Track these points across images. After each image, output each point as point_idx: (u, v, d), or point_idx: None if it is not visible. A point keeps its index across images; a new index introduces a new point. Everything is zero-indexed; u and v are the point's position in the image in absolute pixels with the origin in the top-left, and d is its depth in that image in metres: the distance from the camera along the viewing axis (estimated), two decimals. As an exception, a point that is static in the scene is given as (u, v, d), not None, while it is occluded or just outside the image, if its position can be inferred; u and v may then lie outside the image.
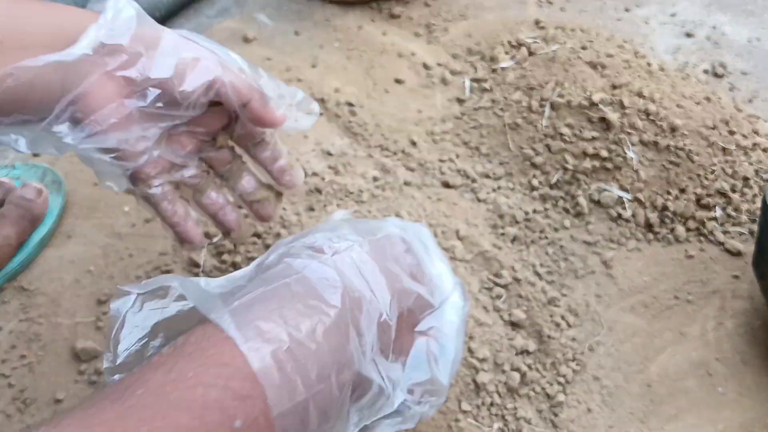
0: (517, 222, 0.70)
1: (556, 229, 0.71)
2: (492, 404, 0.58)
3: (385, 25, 0.92)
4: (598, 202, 0.72)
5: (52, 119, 0.43)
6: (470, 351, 0.60)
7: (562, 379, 0.60)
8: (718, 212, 0.70)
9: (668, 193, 0.71)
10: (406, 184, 0.73)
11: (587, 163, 0.72)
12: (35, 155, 0.77)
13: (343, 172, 0.74)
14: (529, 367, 0.60)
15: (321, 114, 0.82)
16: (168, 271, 0.67)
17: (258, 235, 0.68)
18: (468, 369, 0.59)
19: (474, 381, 0.59)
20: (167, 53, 0.45)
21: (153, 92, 0.45)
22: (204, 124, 0.51)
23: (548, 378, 0.60)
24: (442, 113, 0.82)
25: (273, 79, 0.53)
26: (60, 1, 0.49)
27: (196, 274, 0.66)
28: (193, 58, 0.46)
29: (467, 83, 0.84)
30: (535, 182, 0.73)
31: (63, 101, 0.43)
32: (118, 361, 0.38)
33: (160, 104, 0.46)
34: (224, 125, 0.52)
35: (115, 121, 0.44)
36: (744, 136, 0.74)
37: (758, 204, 0.70)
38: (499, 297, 0.64)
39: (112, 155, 0.45)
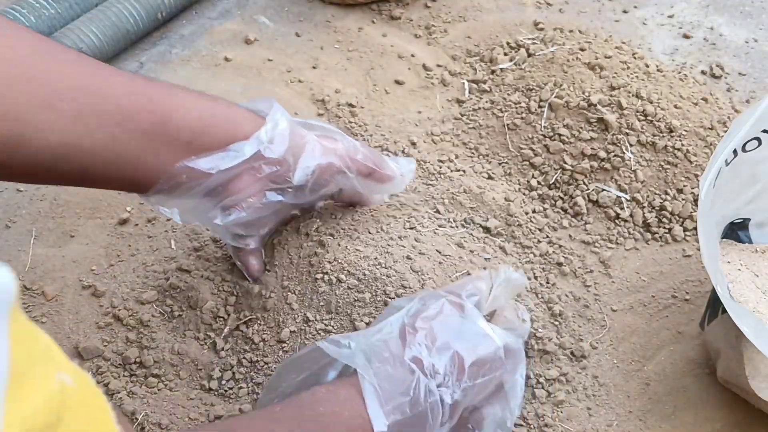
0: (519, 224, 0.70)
1: (554, 229, 0.71)
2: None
3: (385, 27, 0.93)
4: (596, 202, 0.72)
5: (207, 206, 0.56)
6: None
7: (562, 378, 0.61)
8: (716, 212, 0.70)
9: (666, 193, 0.72)
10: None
11: (585, 164, 0.72)
12: None
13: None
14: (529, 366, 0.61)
15: (322, 114, 0.82)
16: (168, 272, 0.67)
17: None
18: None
19: None
20: (308, 160, 0.56)
21: (290, 192, 0.57)
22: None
23: (548, 377, 0.60)
24: (442, 114, 0.82)
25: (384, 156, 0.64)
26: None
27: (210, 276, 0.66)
28: (324, 166, 0.57)
29: (466, 84, 0.84)
30: (533, 182, 0.74)
31: (219, 197, 0.55)
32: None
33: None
34: None
35: (257, 207, 0.56)
36: (741, 136, 0.74)
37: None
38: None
39: (243, 232, 0.58)
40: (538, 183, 0.74)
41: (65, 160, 0.48)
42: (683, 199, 0.71)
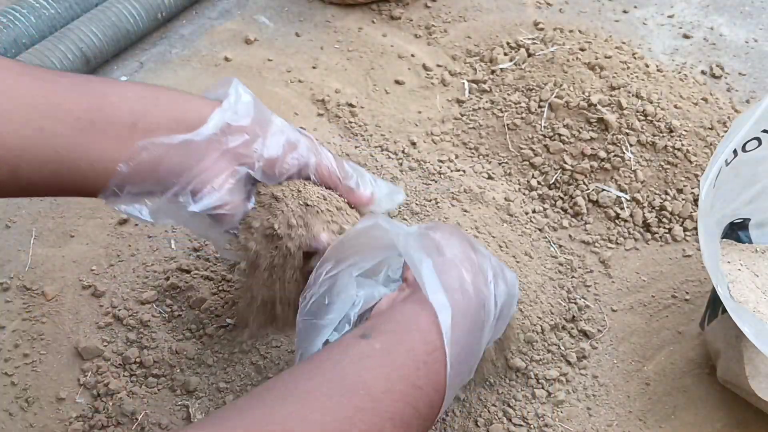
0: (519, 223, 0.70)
1: (554, 229, 0.71)
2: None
3: (385, 27, 0.93)
4: (596, 202, 0.72)
5: (178, 189, 0.49)
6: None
7: (562, 378, 0.61)
8: (716, 212, 0.70)
9: (666, 193, 0.72)
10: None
11: (585, 164, 0.72)
12: None
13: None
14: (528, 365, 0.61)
15: (322, 114, 0.82)
16: (168, 272, 0.67)
17: None
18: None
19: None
20: (278, 134, 0.51)
21: (259, 165, 0.51)
22: None
23: (548, 377, 0.60)
24: (442, 114, 0.82)
25: (356, 166, 0.57)
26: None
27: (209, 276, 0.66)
28: (294, 141, 0.52)
29: (466, 84, 0.84)
30: (533, 182, 0.74)
31: (188, 175, 0.49)
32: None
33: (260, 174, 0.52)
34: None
35: (228, 187, 0.50)
36: (741, 136, 0.74)
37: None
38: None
39: (219, 219, 0.51)
40: (538, 183, 0.74)
41: None
42: (683, 199, 0.71)
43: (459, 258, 0.46)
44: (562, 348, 0.62)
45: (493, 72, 0.84)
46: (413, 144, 0.79)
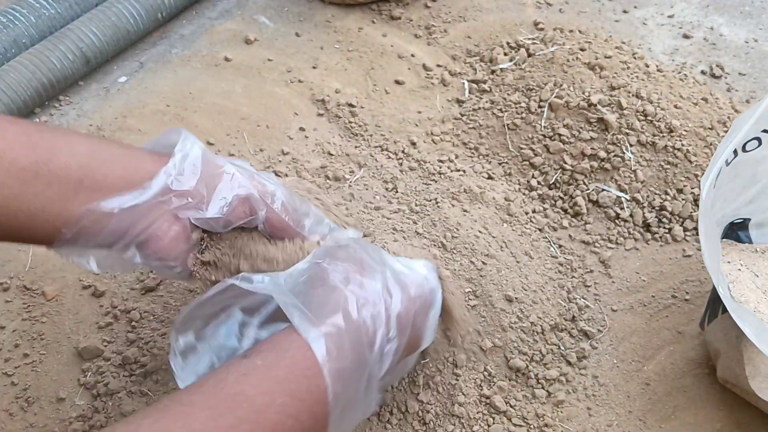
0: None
1: (554, 229, 0.71)
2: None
3: (385, 27, 0.93)
4: (596, 202, 0.72)
5: (123, 245, 0.50)
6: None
7: (563, 378, 0.61)
8: (716, 212, 0.70)
9: (666, 193, 0.72)
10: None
11: (585, 164, 0.72)
12: None
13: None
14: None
15: (322, 114, 0.82)
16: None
17: None
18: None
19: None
20: (225, 191, 0.52)
21: (202, 221, 0.51)
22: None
23: (548, 377, 0.60)
24: (442, 114, 0.82)
25: (319, 211, 0.57)
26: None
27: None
28: (245, 195, 0.52)
29: (466, 84, 0.84)
30: (533, 182, 0.74)
31: (132, 232, 0.49)
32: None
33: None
34: None
35: (173, 236, 0.51)
36: (741, 136, 0.74)
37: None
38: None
39: (166, 265, 0.52)
40: (538, 183, 0.74)
41: None
42: (683, 199, 0.71)
43: (341, 282, 0.47)
44: (562, 348, 0.62)
45: (493, 72, 0.84)
46: (413, 144, 0.79)
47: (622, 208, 0.71)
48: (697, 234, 0.70)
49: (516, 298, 0.62)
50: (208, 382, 0.42)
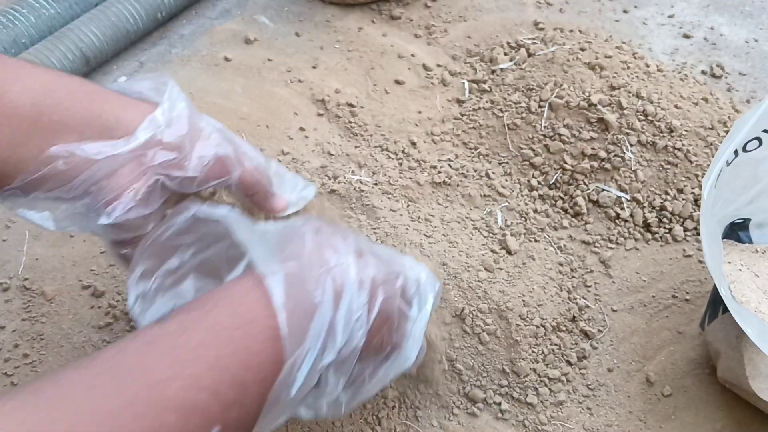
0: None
1: (555, 229, 0.71)
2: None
3: (385, 27, 0.93)
4: (596, 202, 0.72)
5: (90, 201, 0.45)
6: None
7: (563, 378, 0.61)
8: (716, 212, 0.70)
9: (666, 193, 0.72)
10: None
11: (586, 164, 0.72)
12: None
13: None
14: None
15: (322, 114, 0.82)
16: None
17: None
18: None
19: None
20: (206, 148, 0.47)
21: (178, 180, 0.46)
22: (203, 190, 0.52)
23: (549, 377, 0.60)
24: (442, 114, 0.82)
25: (281, 168, 0.55)
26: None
27: None
28: (223, 155, 0.48)
29: (466, 84, 0.84)
30: (534, 182, 0.74)
31: (102, 186, 0.44)
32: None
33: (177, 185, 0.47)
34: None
35: (142, 197, 0.46)
36: (741, 136, 0.74)
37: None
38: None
39: (128, 228, 0.47)
40: (539, 183, 0.74)
41: None
42: (683, 199, 0.71)
43: (311, 231, 0.42)
44: (563, 348, 0.62)
45: (493, 72, 0.84)
46: (413, 144, 0.78)
47: (622, 208, 0.71)
48: (698, 234, 0.70)
49: (519, 299, 0.62)
50: (106, 353, 0.35)
